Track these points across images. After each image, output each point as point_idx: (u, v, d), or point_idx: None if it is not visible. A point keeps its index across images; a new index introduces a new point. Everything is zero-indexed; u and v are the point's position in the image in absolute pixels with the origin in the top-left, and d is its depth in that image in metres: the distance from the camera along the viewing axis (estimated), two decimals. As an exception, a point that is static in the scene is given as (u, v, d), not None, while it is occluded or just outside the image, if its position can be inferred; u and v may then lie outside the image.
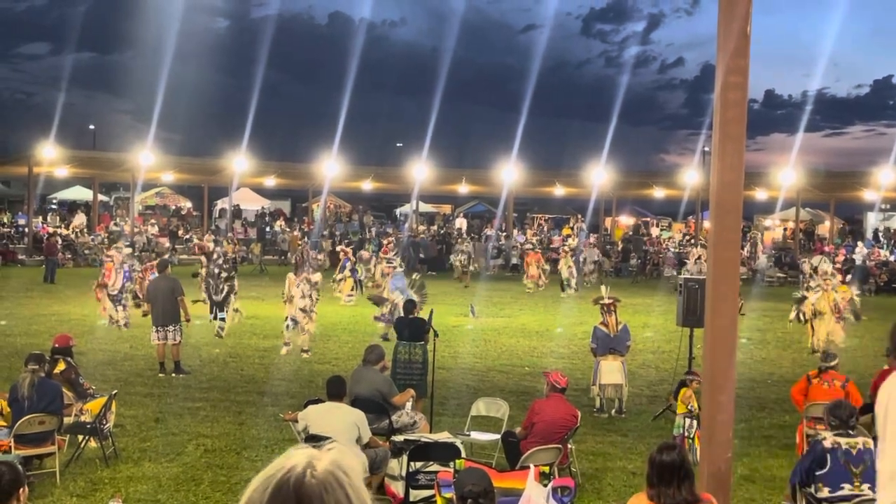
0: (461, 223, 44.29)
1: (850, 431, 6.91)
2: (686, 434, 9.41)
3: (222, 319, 15.43)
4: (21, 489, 5.08)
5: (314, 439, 7.44)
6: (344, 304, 22.33)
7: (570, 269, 27.49)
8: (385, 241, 29.91)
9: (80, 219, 38.55)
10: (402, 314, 12.25)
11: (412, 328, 11.32)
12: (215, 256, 16.46)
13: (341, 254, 25.07)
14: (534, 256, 28.87)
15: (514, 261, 35.40)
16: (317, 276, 15.81)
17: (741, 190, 6.34)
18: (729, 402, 6.20)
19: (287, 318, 15.42)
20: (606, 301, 12.09)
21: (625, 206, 48.71)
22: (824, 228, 44.61)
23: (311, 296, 15.34)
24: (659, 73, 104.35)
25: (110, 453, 9.05)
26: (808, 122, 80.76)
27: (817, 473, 6.75)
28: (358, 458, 7.54)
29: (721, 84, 6.11)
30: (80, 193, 45.02)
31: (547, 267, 28.98)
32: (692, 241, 38.87)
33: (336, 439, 7.12)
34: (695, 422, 9.08)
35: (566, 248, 31.02)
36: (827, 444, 6.77)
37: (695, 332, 11.54)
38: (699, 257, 26.85)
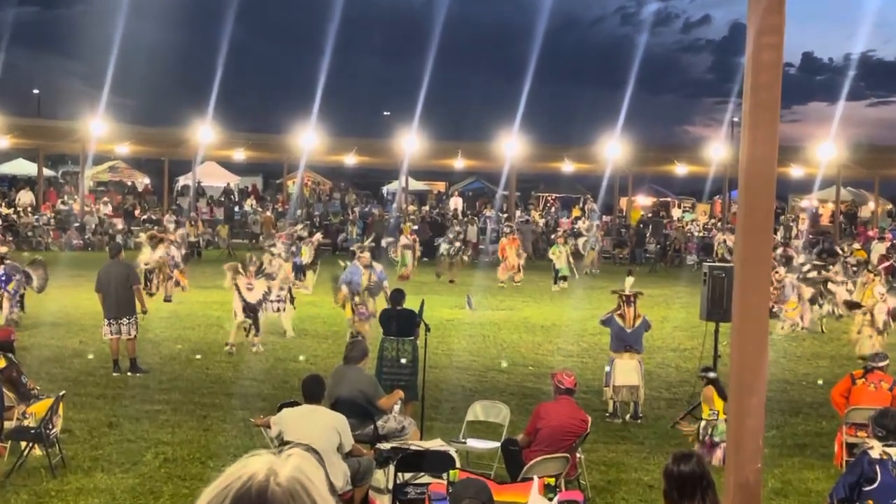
0: (456, 202, 44.24)
1: (901, 441, 6.91)
2: None
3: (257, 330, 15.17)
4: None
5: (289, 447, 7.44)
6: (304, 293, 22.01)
7: (568, 257, 26.24)
8: (411, 225, 29.79)
9: (27, 197, 38.42)
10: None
11: (400, 322, 11.30)
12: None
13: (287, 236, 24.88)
14: (511, 242, 26.87)
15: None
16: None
17: (774, 166, 6.34)
18: (759, 406, 6.22)
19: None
20: (627, 293, 12.09)
21: (642, 185, 48.74)
22: (868, 210, 44.67)
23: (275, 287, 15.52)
24: (682, 32, 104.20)
25: (57, 462, 9.06)
26: (850, 90, 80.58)
27: (865, 489, 6.72)
28: (339, 467, 7.56)
29: (753, 45, 6.09)
30: (23, 167, 44.84)
31: (522, 259, 26.93)
32: (719, 224, 38.92)
33: (315, 447, 7.14)
34: None
35: (561, 235, 29.19)
36: (874, 454, 6.75)
37: (721, 327, 11.57)
38: (724, 242, 26.66)
